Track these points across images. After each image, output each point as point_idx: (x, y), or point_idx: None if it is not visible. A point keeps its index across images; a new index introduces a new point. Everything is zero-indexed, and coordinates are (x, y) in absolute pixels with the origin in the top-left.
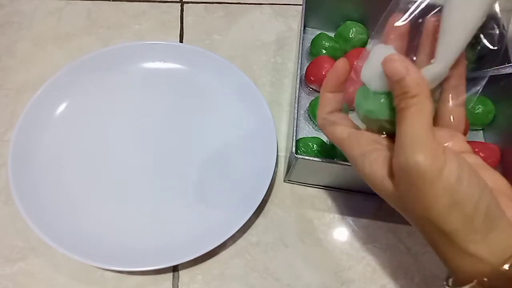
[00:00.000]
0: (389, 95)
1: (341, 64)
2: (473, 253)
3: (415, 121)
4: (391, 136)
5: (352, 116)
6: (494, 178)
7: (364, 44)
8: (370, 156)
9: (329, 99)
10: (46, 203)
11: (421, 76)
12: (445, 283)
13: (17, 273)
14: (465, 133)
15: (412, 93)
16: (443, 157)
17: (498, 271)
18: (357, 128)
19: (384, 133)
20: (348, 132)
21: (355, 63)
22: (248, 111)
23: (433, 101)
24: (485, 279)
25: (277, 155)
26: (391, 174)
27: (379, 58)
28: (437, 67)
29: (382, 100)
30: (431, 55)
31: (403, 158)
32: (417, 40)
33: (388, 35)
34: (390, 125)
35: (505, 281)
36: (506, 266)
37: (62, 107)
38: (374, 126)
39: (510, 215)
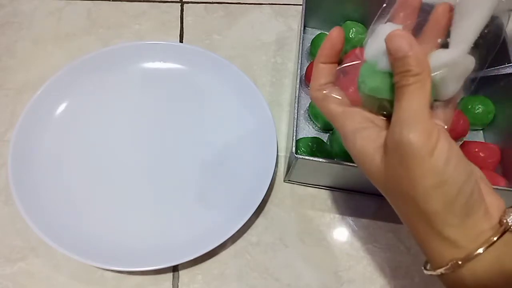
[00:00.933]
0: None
1: (336, 33)
2: (447, 236)
3: (414, 99)
4: (387, 117)
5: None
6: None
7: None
8: (363, 133)
9: (323, 70)
10: (46, 203)
11: (424, 54)
12: (423, 268)
13: (17, 273)
14: (465, 133)
15: (414, 71)
16: (436, 137)
17: (471, 256)
18: (350, 104)
19: (382, 112)
20: (342, 107)
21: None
22: (248, 111)
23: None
24: (460, 262)
25: (277, 155)
26: (382, 150)
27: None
28: (453, 52)
29: (388, 79)
30: (435, 40)
31: (398, 134)
32: (422, 24)
33: (397, 12)
34: (390, 105)
35: (478, 265)
36: (480, 250)
37: (62, 107)
38: (374, 104)
39: (488, 200)
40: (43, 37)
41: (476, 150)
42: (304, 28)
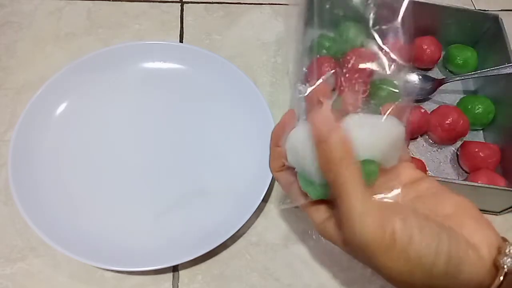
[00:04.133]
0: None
1: (289, 116)
2: None
3: (351, 193)
4: None
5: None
6: (455, 202)
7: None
8: (328, 224)
9: (279, 154)
10: (46, 203)
11: (345, 136)
12: None
13: (17, 273)
14: (465, 133)
15: (338, 158)
16: (391, 223)
17: None
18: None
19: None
20: (305, 199)
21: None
22: (248, 111)
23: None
24: None
25: None
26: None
27: (303, 141)
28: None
29: (323, 188)
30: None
31: (351, 236)
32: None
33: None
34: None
35: None
36: None
37: (62, 107)
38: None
39: (476, 239)
40: (43, 37)
41: (476, 150)
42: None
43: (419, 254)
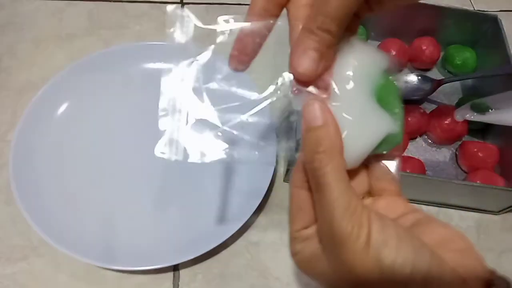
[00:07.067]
0: None
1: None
2: None
3: (333, 187)
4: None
5: None
6: (443, 232)
7: None
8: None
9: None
10: (47, 203)
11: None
12: None
13: (18, 273)
14: (463, 134)
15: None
16: (368, 223)
17: None
18: None
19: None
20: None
21: None
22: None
23: None
24: None
25: (277, 155)
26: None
27: None
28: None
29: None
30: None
31: (326, 229)
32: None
33: None
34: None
35: None
36: None
37: (63, 108)
38: None
39: (462, 270)
40: (44, 37)
41: (475, 150)
42: None
43: (394, 264)
